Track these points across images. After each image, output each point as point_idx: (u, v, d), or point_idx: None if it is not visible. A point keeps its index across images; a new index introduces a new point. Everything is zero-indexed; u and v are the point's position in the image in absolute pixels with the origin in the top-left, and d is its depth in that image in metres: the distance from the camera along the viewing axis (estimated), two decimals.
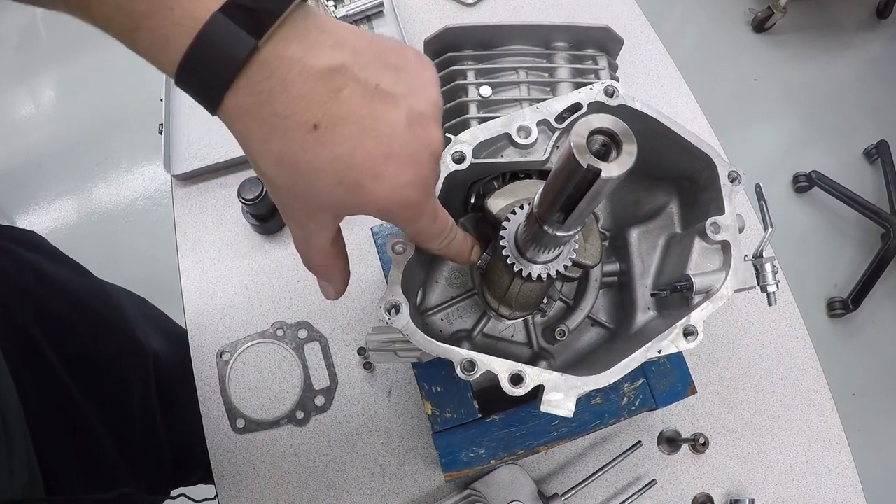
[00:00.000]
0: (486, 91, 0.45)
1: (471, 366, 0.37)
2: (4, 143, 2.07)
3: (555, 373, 0.37)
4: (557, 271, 0.39)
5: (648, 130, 0.45)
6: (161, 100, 0.84)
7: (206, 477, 0.66)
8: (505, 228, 0.40)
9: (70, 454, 0.60)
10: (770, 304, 0.41)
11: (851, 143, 2.12)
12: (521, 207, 0.41)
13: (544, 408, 0.37)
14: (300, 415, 0.66)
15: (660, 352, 0.38)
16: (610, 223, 0.55)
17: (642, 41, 0.86)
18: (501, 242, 0.40)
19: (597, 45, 0.49)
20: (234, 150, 0.79)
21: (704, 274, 0.41)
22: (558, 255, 0.39)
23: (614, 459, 0.60)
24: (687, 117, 0.80)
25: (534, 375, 0.37)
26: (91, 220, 1.95)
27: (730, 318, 0.72)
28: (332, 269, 0.38)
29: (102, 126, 2.08)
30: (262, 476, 0.63)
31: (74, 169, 2.02)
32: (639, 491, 0.61)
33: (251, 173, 0.78)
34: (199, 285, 0.73)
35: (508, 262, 0.39)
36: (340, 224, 0.36)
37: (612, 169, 0.24)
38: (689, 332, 0.39)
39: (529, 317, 0.51)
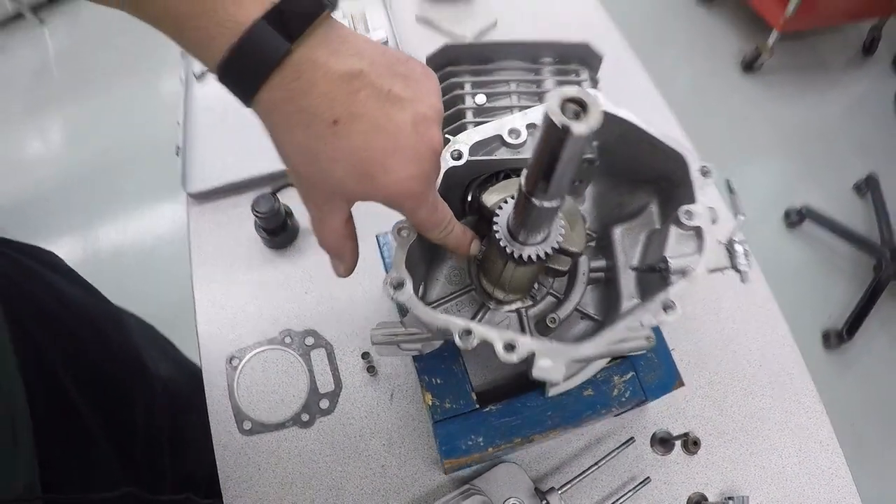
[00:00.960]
0: (480, 99, 0.51)
1: (467, 334, 0.40)
2: (14, 179, 2.16)
3: (544, 340, 0.40)
4: (546, 252, 0.43)
5: (627, 133, 0.50)
6: (178, 123, 0.90)
7: (212, 495, 0.67)
8: (498, 216, 0.45)
9: (72, 462, 0.62)
10: (743, 281, 0.44)
11: (841, 178, 2.19)
12: (511, 198, 0.45)
13: (536, 373, 0.40)
14: (305, 417, 0.68)
15: (642, 323, 0.42)
16: (596, 226, 0.59)
17: (625, 62, 0.94)
18: (495, 228, 0.44)
19: (579, 60, 0.55)
20: (247, 171, 0.84)
21: (681, 256, 0.45)
22: (546, 238, 0.43)
23: (608, 454, 0.62)
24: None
25: (525, 343, 0.40)
26: (98, 256, 2.00)
27: (716, 325, 0.75)
28: (343, 248, 0.42)
29: (110, 163, 2.16)
30: (267, 476, 0.65)
31: (82, 205, 2.09)
32: (633, 488, 0.62)
33: (263, 191, 0.83)
34: (211, 296, 0.77)
35: (501, 244, 0.43)
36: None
37: (581, 127, 0.28)
38: (668, 307, 0.42)
39: (523, 309, 0.54)
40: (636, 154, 0.52)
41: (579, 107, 0.29)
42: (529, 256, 0.43)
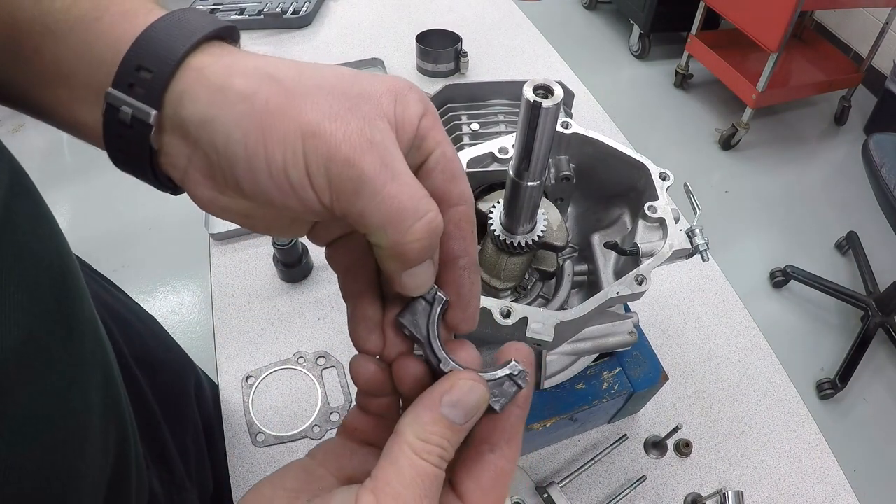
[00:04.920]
0: (475, 127, 0.61)
1: None
2: None
3: (536, 307, 0.47)
4: (533, 240, 0.51)
5: (598, 152, 0.60)
6: None
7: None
8: (493, 213, 0.53)
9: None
10: (704, 260, 0.52)
11: (822, 238, 2.29)
12: (500, 201, 0.54)
13: (529, 334, 0.46)
14: (316, 430, 0.72)
15: (618, 293, 0.49)
16: (578, 239, 0.67)
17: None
18: (491, 224, 0.52)
19: None
20: None
21: (649, 242, 0.53)
22: (532, 228, 0.51)
23: (604, 450, 0.65)
24: None
25: (519, 310, 0.47)
26: None
27: (697, 340, 0.80)
28: (430, 206, 0.26)
29: (113, 243, 2.24)
30: None
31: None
32: (630, 486, 0.65)
33: None
34: (230, 322, 0.83)
35: (496, 234, 0.51)
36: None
37: (549, 102, 0.37)
38: (640, 280, 0.49)
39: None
40: (606, 169, 0.61)
41: (546, 91, 0.38)
42: (520, 244, 0.51)
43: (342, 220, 0.25)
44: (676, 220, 0.56)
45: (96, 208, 2.39)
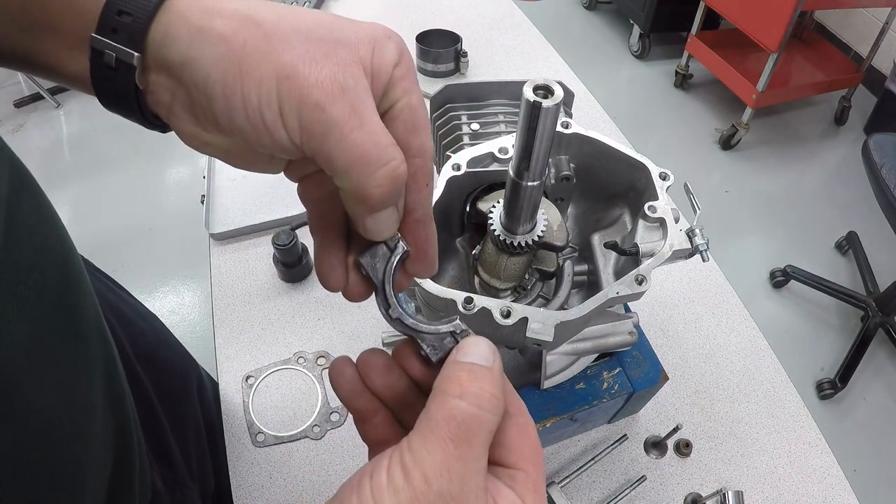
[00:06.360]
0: (475, 127, 0.61)
1: (469, 300, 0.47)
2: None
3: (536, 307, 0.47)
4: (533, 240, 0.51)
5: (597, 152, 0.60)
6: (204, 177, 1.02)
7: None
8: (493, 213, 0.53)
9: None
10: (704, 260, 0.52)
11: (822, 239, 2.29)
12: (500, 201, 0.54)
13: (529, 334, 0.46)
14: (316, 430, 0.72)
15: (618, 293, 0.48)
16: (578, 239, 0.67)
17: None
18: (491, 224, 0.52)
19: None
20: (262, 217, 0.94)
21: (649, 242, 0.53)
22: (532, 228, 0.51)
23: (604, 450, 0.65)
24: None
25: (519, 310, 0.47)
26: None
27: (697, 340, 0.80)
28: (395, 153, 0.27)
29: (113, 242, 2.22)
30: (278, 485, 0.68)
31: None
32: (630, 486, 0.65)
33: (280, 229, 0.92)
34: (230, 322, 0.83)
35: (496, 234, 0.51)
36: None
37: (549, 102, 0.37)
38: (640, 280, 0.49)
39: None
40: (606, 169, 0.61)
41: (546, 91, 0.38)
42: (520, 244, 0.51)
43: (313, 159, 0.27)
44: (676, 220, 0.56)
45: (96, 208, 2.39)
